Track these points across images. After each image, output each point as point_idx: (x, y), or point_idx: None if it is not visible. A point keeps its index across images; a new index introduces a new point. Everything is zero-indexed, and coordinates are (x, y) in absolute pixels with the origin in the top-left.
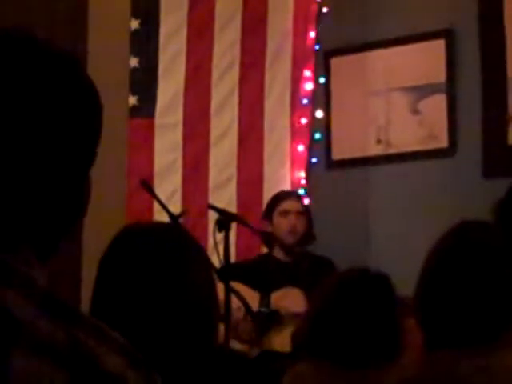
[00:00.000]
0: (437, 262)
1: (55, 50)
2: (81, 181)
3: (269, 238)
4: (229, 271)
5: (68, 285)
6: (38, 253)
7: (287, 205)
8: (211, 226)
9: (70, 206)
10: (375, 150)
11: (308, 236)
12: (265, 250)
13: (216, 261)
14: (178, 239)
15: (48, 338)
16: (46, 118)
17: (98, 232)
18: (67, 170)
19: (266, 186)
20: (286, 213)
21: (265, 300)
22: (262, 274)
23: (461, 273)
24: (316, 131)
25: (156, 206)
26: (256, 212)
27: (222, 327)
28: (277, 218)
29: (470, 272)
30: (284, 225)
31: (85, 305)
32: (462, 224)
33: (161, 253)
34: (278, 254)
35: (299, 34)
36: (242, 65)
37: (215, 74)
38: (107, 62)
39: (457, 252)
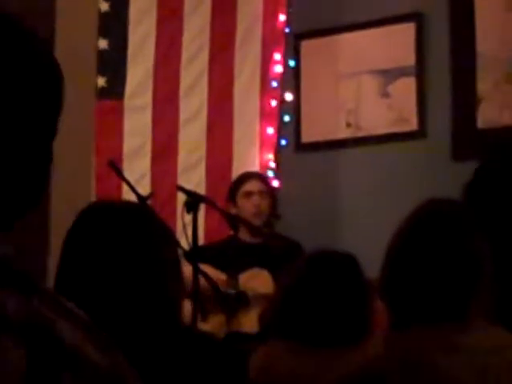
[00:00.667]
0: (402, 240)
1: (12, 20)
2: (42, 153)
3: (235, 221)
4: (197, 253)
5: (35, 266)
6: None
7: (250, 186)
8: (180, 208)
9: (31, 178)
10: (345, 133)
11: (273, 216)
12: (232, 232)
13: (184, 243)
14: (143, 217)
15: (2, 307)
16: (3, 88)
17: (65, 213)
18: (28, 140)
19: (234, 168)
20: (249, 194)
21: (232, 281)
22: (228, 255)
23: (426, 251)
24: (285, 114)
25: (124, 188)
26: (225, 194)
27: (189, 307)
28: (240, 200)
29: (436, 250)
30: (248, 206)
31: (51, 284)
32: (429, 202)
33: (126, 229)
34: (244, 235)
35: (269, 16)
36: (212, 47)
37: (185, 57)
38: (75, 43)
39: (423, 230)
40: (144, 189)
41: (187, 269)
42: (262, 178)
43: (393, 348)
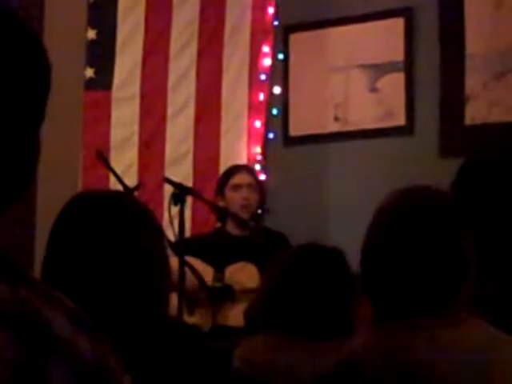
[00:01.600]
0: (382, 232)
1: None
2: (29, 140)
3: (223, 213)
4: (183, 245)
5: (22, 258)
6: None
7: (238, 178)
8: (167, 200)
9: (18, 165)
10: (333, 127)
11: (261, 210)
12: (219, 224)
13: (171, 234)
14: (129, 206)
15: None
16: None
17: (52, 203)
18: (15, 126)
19: (222, 161)
20: (237, 187)
21: (219, 275)
22: (215, 248)
23: (408, 242)
24: (273, 107)
25: (112, 179)
26: (212, 187)
27: (175, 299)
28: (229, 193)
29: (419, 242)
30: (236, 199)
31: (37, 273)
32: (406, 191)
33: (112, 218)
34: (232, 228)
35: (258, 8)
36: (201, 40)
37: (174, 48)
38: (64, 33)
39: (401, 220)
40: (131, 179)
41: (173, 261)
42: (250, 170)
43: (376, 343)
